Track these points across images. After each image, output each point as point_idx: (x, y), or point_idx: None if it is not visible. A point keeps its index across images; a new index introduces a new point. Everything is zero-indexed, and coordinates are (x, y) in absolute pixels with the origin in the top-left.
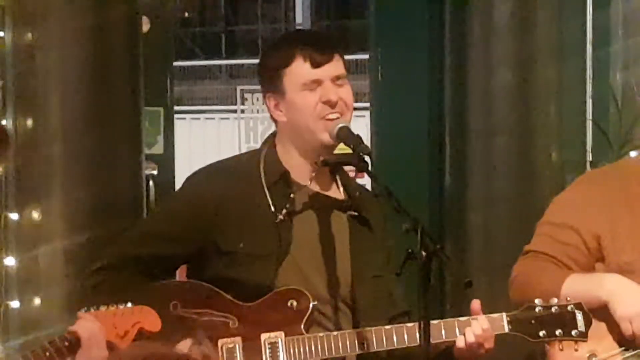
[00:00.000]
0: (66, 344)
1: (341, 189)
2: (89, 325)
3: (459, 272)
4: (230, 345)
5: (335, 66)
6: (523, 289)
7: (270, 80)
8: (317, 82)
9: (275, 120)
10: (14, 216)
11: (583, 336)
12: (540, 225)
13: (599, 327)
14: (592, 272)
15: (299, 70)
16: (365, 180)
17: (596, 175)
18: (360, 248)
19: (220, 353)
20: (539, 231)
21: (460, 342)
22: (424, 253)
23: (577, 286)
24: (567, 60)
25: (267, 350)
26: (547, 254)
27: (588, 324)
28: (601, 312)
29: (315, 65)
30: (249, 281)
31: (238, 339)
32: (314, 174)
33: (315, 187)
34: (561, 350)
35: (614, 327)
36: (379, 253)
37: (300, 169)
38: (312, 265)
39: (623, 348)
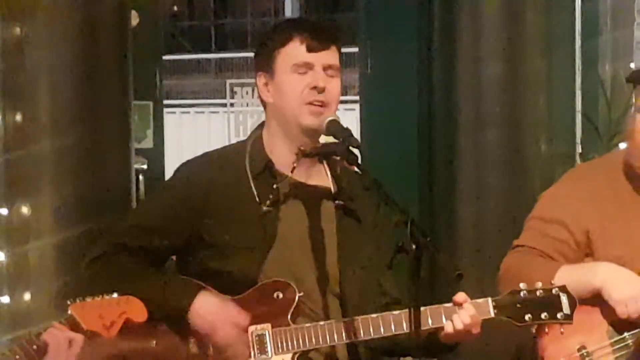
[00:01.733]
0: (34, 347)
1: (330, 176)
2: (59, 335)
3: (449, 265)
4: None
5: (330, 55)
6: (513, 283)
7: (264, 60)
8: (309, 66)
9: (263, 103)
10: (3, 211)
11: (568, 318)
12: (528, 220)
13: (589, 320)
14: None
15: (293, 51)
16: None
17: (584, 170)
18: (348, 238)
19: (208, 346)
20: (528, 226)
21: (448, 328)
22: (414, 246)
23: (570, 276)
24: (556, 52)
25: (255, 342)
26: (536, 248)
27: (573, 307)
28: (593, 301)
29: (310, 49)
30: (234, 273)
31: None
32: (295, 164)
33: (300, 177)
34: (547, 333)
35: (607, 313)
36: (367, 243)
37: (284, 158)
38: (298, 256)
39: (613, 340)
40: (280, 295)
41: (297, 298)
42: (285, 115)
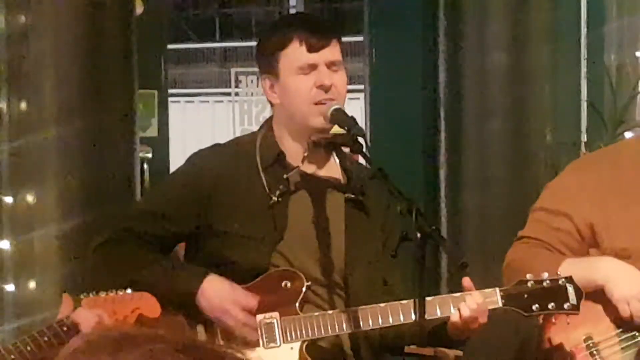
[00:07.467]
0: (64, 328)
1: (339, 170)
2: (87, 314)
3: (454, 254)
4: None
5: (331, 51)
6: (517, 275)
7: (266, 62)
8: (312, 67)
9: (271, 103)
10: (8, 199)
11: (575, 309)
12: (533, 211)
13: (594, 311)
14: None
15: (295, 53)
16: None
17: (589, 161)
18: (356, 232)
19: (217, 333)
20: (532, 217)
21: (454, 317)
22: (419, 235)
23: (573, 271)
24: (562, 42)
25: (264, 331)
26: (540, 239)
27: (579, 297)
28: (597, 295)
29: (311, 49)
30: (243, 262)
31: None
32: (306, 154)
33: (310, 169)
34: (554, 323)
35: (610, 310)
36: (375, 238)
37: (295, 151)
38: (306, 247)
39: (620, 330)
40: (289, 285)
41: (305, 287)
42: (293, 116)
